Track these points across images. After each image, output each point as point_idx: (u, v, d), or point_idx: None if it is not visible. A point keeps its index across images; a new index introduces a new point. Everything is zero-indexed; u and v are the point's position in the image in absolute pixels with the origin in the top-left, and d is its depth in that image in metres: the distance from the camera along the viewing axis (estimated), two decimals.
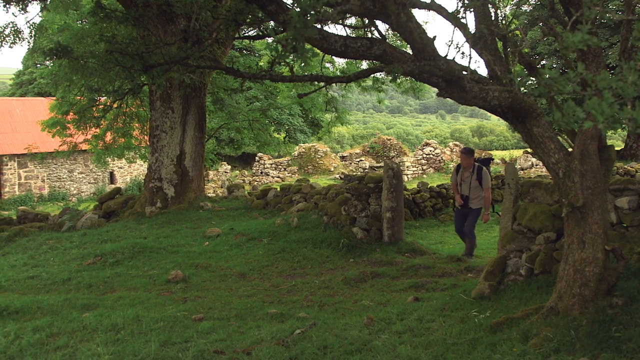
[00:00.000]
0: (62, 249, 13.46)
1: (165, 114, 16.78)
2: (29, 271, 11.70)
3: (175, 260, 11.47)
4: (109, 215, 17.44)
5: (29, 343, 6.86)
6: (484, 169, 11.29)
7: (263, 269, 11.02)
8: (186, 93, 16.45)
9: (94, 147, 23.77)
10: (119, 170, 41.46)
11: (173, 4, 12.42)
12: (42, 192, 38.70)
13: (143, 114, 22.20)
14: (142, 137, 23.36)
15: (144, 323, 7.41)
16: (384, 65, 6.14)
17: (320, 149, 40.97)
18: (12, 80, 61.49)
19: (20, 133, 37.66)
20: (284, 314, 7.91)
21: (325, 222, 13.02)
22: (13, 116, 39.59)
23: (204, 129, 17.90)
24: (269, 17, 8.81)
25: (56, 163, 38.66)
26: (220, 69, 11.03)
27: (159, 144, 16.94)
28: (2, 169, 37.45)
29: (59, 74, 17.37)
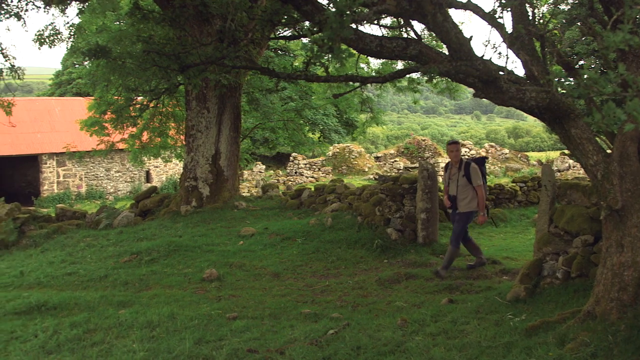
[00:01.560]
0: (99, 246, 13.64)
1: (200, 114, 16.89)
2: (66, 268, 11.89)
3: (210, 259, 11.55)
4: (145, 214, 17.61)
5: (67, 338, 6.97)
6: (472, 165, 9.92)
7: (297, 268, 11.04)
8: (221, 93, 16.54)
9: (130, 146, 24.05)
10: (155, 169, 41.89)
11: (209, 4, 12.50)
12: (79, 190, 39.28)
13: (179, 114, 22.39)
14: (178, 137, 23.56)
15: (179, 321, 7.48)
16: (419, 65, 6.12)
17: (355, 150, 40.92)
18: (51, 80, 62.55)
19: (59, 132, 38.27)
20: (317, 314, 7.92)
21: (359, 222, 13.00)
22: (52, 115, 40.24)
23: (239, 128, 17.99)
24: (304, 17, 8.82)
25: (94, 162, 39.20)
26: (255, 69, 11.08)
27: (194, 144, 17.06)
28: (42, 167, 38.09)
29: (97, 74, 17.59)
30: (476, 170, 9.83)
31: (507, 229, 15.42)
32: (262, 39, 15.63)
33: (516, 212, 16.86)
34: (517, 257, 11.58)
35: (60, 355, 6.42)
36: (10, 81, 15.43)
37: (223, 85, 15.16)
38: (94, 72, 18.19)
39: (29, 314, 8.50)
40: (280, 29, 17.63)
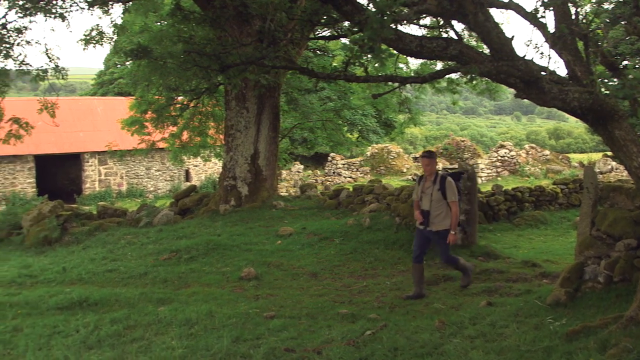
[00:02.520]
0: (139, 244, 13.81)
1: (240, 114, 17.00)
2: (107, 265, 12.07)
3: (248, 258, 11.61)
4: (184, 212, 17.78)
5: (107, 334, 7.08)
6: (448, 179, 9.02)
7: (334, 268, 11.04)
8: (261, 93, 16.62)
9: (170, 145, 24.31)
10: (195, 168, 42.26)
11: (249, 5, 12.57)
12: (120, 188, 39.83)
13: (218, 113, 22.55)
14: (218, 136, 23.73)
15: (217, 319, 7.54)
16: (460, 65, 6.07)
17: (393, 150, 40.78)
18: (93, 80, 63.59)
19: (101, 131, 38.86)
20: (354, 314, 7.91)
21: (397, 223, 12.94)
22: (94, 115, 40.88)
23: (278, 128, 18.06)
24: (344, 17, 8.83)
25: (134, 160, 39.71)
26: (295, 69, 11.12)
27: (233, 143, 17.17)
28: (84, 165, 38.74)
29: (138, 74, 17.80)
30: (452, 185, 8.96)
31: (548, 232, 15.21)
32: (302, 39, 15.65)
33: (557, 215, 16.62)
34: (558, 260, 11.41)
35: (101, 350, 6.52)
36: (54, 81, 15.69)
37: (262, 85, 15.22)
38: (135, 72, 18.41)
39: (70, 309, 8.66)
40: (319, 29, 17.64)
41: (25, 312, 8.61)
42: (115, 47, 20.30)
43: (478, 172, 33.89)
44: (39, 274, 11.57)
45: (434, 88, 19.62)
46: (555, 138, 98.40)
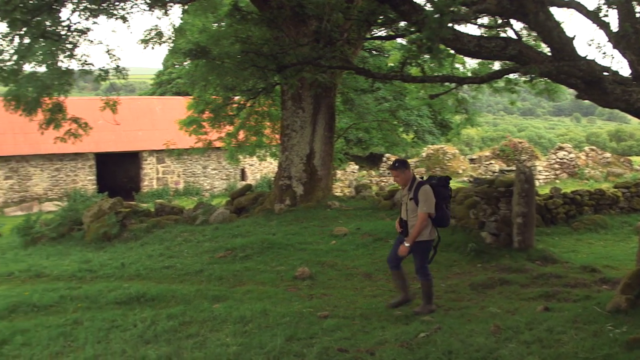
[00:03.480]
0: (195, 241, 13.99)
1: (295, 114, 17.07)
2: (164, 261, 12.27)
3: (303, 258, 11.65)
4: (239, 211, 17.94)
5: (164, 329, 7.19)
6: (422, 188, 8.05)
7: (389, 270, 10.98)
8: (317, 93, 16.65)
9: (227, 144, 24.54)
10: (250, 167, 42.61)
11: (305, 5, 12.62)
12: (177, 186, 40.44)
13: (274, 113, 22.67)
14: (273, 136, 23.86)
15: (271, 317, 7.58)
16: (519, 65, 5.98)
17: (449, 151, 40.41)
18: (152, 80, 64.77)
19: (159, 130, 39.50)
20: (408, 316, 7.87)
21: (452, 225, 12.81)
22: (153, 114, 41.60)
23: (333, 128, 18.07)
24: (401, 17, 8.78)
25: (191, 159, 40.25)
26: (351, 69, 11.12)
27: (289, 143, 17.25)
28: (142, 164, 39.47)
29: (196, 74, 18.04)
30: (426, 194, 7.99)
31: (608, 236, 14.83)
32: (358, 39, 15.63)
33: (617, 219, 16.19)
34: (618, 265, 11.13)
35: (157, 345, 6.63)
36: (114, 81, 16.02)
37: (318, 85, 15.27)
38: (193, 72, 18.66)
39: (128, 304, 8.84)
40: (375, 29, 17.59)
41: (85, 305, 8.83)
42: (173, 47, 20.61)
43: (536, 174, 33.30)
44: (99, 269, 11.86)
45: (492, 88, 19.35)
46: (617, 140, 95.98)
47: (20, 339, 6.91)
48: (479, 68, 18.77)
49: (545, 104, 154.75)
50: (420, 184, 8.12)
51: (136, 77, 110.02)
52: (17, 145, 35.87)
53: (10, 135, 35.94)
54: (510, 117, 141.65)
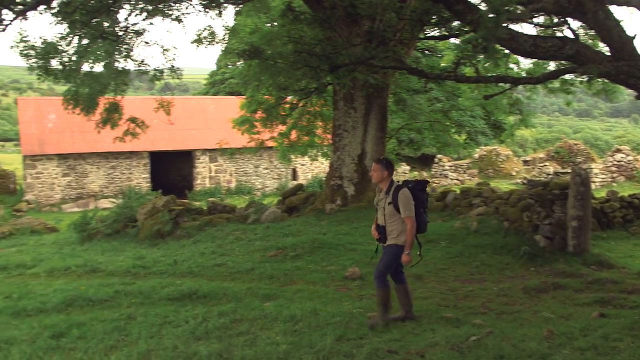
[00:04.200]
0: (246, 240, 14.10)
1: (347, 114, 17.06)
2: (216, 259, 12.41)
3: (353, 258, 11.64)
4: (291, 210, 18.02)
5: (215, 326, 7.27)
6: (402, 190, 7.54)
7: (439, 272, 10.90)
8: (369, 93, 16.60)
9: (279, 144, 24.69)
10: (301, 167, 42.76)
11: (358, 5, 12.60)
12: (229, 185, 40.85)
13: (326, 113, 22.70)
14: (325, 136, 23.90)
15: (321, 317, 7.59)
16: (576, 65, 5.86)
17: (502, 152, 39.91)
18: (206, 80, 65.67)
19: (212, 129, 39.95)
20: (459, 319, 7.77)
21: (505, 227, 12.64)
22: (206, 113, 42.11)
23: (385, 129, 18.00)
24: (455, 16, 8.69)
25: (243, 158, 40.59)
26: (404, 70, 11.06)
27: (341, 143, 17.25)
28: (195, 162, 40.00)
29: (248, 74, 18.19)
30: (407, 198, 7.49)
31: None
32: (411, 39, 15.53)
33: None
34: None
35: (208, 342, 6.69)
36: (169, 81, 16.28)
37: (370, 85, 15.23)
38: (246, 72, 18.83)
39: (181, 300, 8.98)
40: (427, 29, 17.47)
41: (138, 301, 9.00)
42: (227, 48, 20.82)
43: (592, 177, 32.59)
44: (152, 265, 12.07)
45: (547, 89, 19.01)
46: None
47: (76, 332, 7.07)
48: (534, 68, 18.47)
49: (602, 105, 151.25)
50: (398, 187, 7.62)
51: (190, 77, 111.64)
52: (75, 144, 36.76)
53: (68, 133, 36.85)
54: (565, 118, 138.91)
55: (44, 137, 36.64)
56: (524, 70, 20.50)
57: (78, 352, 6.36)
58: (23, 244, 15.62)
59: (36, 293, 9.66)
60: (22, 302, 9.02)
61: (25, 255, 13.86)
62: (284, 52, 13.81)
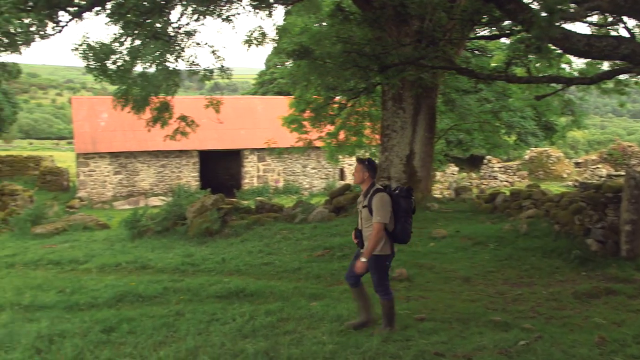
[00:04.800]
0: (293, 239, 14.16)
1: (396, 114, 16.98)
2: (263, 258, 12.49)
3: (400, 259, 11.55)
4: (338, 210, 18.01)
5: (261, 325, 7.32)
6: (379, 195, 7.02)
7: (488, 274, 10.76)
8: (417, 93, 16.50)
9: (327, 144, 24.73)
10: (349, 167, 42.72)
11: (407, 5, 12.54)
12: (277, 184, 41.09)
13: (375, 113, 22.65)
14: (373, 136, 23.86)
15: None
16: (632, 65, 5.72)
17: (553, 154, 39.29)
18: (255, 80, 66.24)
19: (261, 129, 40.26)
20: (508, 322, 7.67)
21: (556, 231, 12.41)
22: (255, 113, 42.44)
23: (434, 129, 17.87)
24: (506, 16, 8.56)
25: (291, 158, 40.79)
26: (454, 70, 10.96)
27: (389, 143, 17.19)
28: (243, 161, 40.36)
29: (297, 74, 18.27)
30: (382, 203, 6.97)
31: None
32: (461, 39, 15.38)
33: None
34: None
35: (255, 340, 6.74)
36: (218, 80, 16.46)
37: (419, 85, 15.15)
38: (295, 72, 18.92)
39: (228, 298, 9.07)
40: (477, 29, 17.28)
41: (187, 298, 9.12)
42: (276, 47, 20.95)
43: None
44: (200, 263, 12.22)
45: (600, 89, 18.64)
46: None
47: (126, 327, 7.20)
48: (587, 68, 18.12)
49: None
50: (377, 190, 7.09)
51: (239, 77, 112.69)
52: (126, 142, 37.47)
53: (120, 132, 37.57)
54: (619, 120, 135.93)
55: (97, 136, 37.43)
56: (577, 70, 20.14)
57: (128, 346, 6.47)
58: (76, 240, 15.95)
59: (88, 288, 9.87)
60: (75, 296, 9.22)
61: (78, 251, 14.16)
62: (332, 52, 13.83)
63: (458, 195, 20.22)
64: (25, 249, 14.94)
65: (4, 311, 8.34)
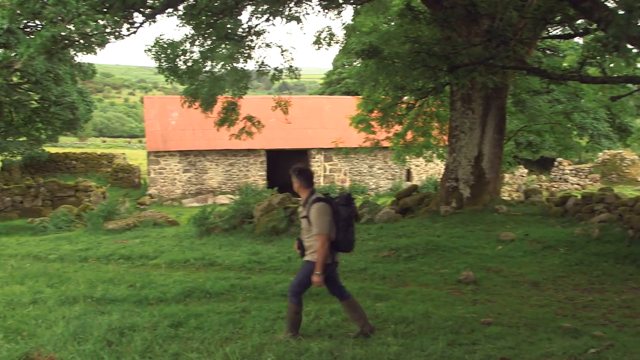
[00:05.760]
0: (360, 239, 14.12)
1: (465, 115, 16.78)
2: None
3: (467, 261, 11.43)
4: (404, 211, 17.94)
5: (327, 324, 7.35)
6: (315, 205, 6.76)
7: (557, 279, 10.52)
8: (487, 94, 16.25)
9: (394, 144, 24.63)
10: (416, 168, 42.49)
11: (477, 4, 12.37)
12: (343, 184, 41.14)
13: (443, 114, 22.46)
14: (441, 137, 23.65)
15: (433, 320, 7.50)
16: None
17: (627, 157, 38.17)
18: (322, 79, 66.54)
19: (328, 129, 40.41)
20: (577, 329, 7.48)
21: (630, 236, 12.05)
22: (322, 113, 42.62)
23: (503, 130, 17.58)
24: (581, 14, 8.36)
25: (358, 158, 40.80)
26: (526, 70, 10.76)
27: (457, 144, 16.99)
28: (310, 161, 40.56)
29: (365, 74, 18.26)
30: (319, 213, 6.73)
31: None
32: (532, 39, 15.08)
33: None
34: None
35: (320, 339, 6.76)
36: (287, 80, 16.61)
37: (489, 86, 14.93)
38: (363, 71, 18.91)
39: None
40: (549, 28, 16.89)
41: (253, 295, 9.22)
42: (344, 47, 21.00)
43: None
44: (267, 261, 12.34)
45: None
46: None
47: (194, 322, 7.32)
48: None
49: None
50: (315, 200, 6.83)
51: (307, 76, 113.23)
52: (195, 141, 38.17)
53: (189, 131, 38.30)
54: None
55: (167, 134, 38.27)
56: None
57: (195, 341, 6.58)
58: (146, 236, 16.32)
59: (157, 283, 10.07)
60: (144, 291, 9.43)
61: (148, 246, 14.48)
62: (401, 52, 13.76)
63: (527, 197, 19.81)
64: (97, 244, 15.38)
65: (77, 303, 8.59)
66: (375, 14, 19.37)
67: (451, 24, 13.67)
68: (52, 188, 29.21)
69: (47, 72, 33.49)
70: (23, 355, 6.02)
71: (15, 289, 9.47)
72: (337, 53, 55.44)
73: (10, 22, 10.98)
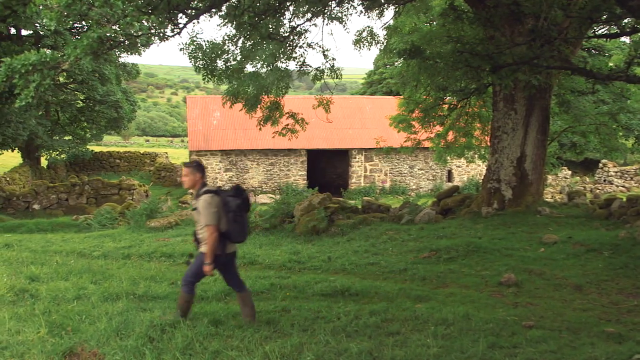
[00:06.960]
0: (400, 240, 14.10)
1: (507, 115, 16.59)
2: (369, 258, 12.51)
3: (508, 264, 11.31)
4: (445, 212, 17.82)
5: (365, 324, 7.33)
6: (203, 197, 6.97)
7: (601, 283, 10.33)
8: (530, 94, 16.04)
9: (435, 145, 24.51)
10: (457, 169, 42.19)
11: (521, 3, 12.23)
12: (384, 185, 41.05)
13: (485, 115, 22.26)
14: (483, 138, 23.45)
15: (474, 322, 7.44)
16: None
17: None
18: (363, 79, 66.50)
19: (369, 129, 40.37)
20: (622, 334, 7.33)
21: None
22: (363, 113, 42.57)
23: (547, 131, 17.32)
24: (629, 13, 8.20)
25: (398, 158, 40.69)
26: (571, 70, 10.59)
27: (499, 145, 16.81)
28: (351, 161, 40.55)
29: (407, 74, 18.19)
30: (205, 205, 6.93)
31: None
32: (577, 38, 14.84)
33: None
34: None
35: (359, 339, 6.75)
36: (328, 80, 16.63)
37: (532, 86, 14.73)
38: (405, 71, 18.84)
39: (333, 297, 9.15)
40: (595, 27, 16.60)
41: (292, 295, 9.26)
42: (385, 47, 20.95)
43: None
44: (307, 260, 12.38)
45: None
46: None
47: (234, 321, 7.38)
48: None
49: None
50: (204, 192, 7.04)
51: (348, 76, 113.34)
52: (237, 140, 38.49)
53: (231, 130, 38.62)
54: None
55: (209, 134, 38.65)
56: None
57: (235, 339, 6.63)
58: (187, 235, 16.47)
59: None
60: None
61: (189, 245, 14.63)
62: (443, 52, 13.67)
63: (571, 199, 19.50)
64: (140, 242, 15.60)
65: (120, 300, 8.72)
66: (416, 13, 19.27)
67: (494, 24, 13.53)
68: (96, 186, 29.72)
69: (93, 72, 34.14)
70: (67, 349, 6.14)
71: (60, 284, 9.64)
72: (378, 53, 55.39)
73: (57, 23, 11.18)
